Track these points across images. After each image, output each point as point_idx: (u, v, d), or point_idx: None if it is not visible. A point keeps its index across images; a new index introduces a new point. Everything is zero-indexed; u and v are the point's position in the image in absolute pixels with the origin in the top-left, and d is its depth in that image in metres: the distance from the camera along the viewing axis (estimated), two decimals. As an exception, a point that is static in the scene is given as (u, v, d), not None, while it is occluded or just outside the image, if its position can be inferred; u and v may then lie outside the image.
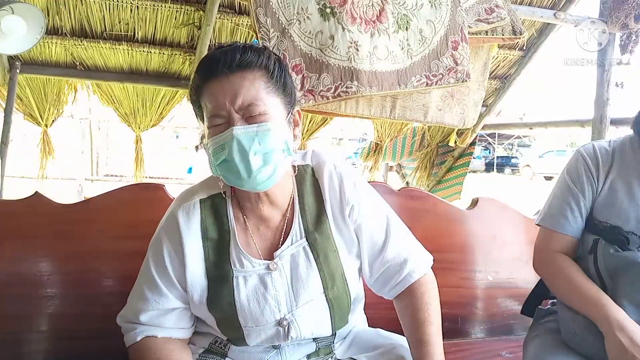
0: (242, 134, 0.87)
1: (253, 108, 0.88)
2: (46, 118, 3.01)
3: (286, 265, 0.97)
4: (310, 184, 1.02)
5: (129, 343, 0.98)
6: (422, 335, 0.97)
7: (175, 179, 7.85)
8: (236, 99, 0.88)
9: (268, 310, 0.95)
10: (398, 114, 2.19)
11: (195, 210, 0.98)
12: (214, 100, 0.89)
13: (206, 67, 0.91)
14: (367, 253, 1.04)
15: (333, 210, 1.01)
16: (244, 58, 0.89)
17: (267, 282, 0.96)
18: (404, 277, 1.03)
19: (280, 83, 0.94)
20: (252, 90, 0.89)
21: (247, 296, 0.95)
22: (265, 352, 1.01)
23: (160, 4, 2.50)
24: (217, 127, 0.89)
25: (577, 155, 1.18)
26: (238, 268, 0.96)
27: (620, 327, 0.98)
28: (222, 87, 0.89)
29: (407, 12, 1.89)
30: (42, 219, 1.31)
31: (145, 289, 0.97)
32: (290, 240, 0.99)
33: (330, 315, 0.99)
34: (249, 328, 0.96)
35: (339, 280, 0.99)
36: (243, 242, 0.98)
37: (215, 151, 0.89)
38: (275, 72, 0.93)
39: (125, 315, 1.00)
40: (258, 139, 0.88)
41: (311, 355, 1.04)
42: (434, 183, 4.05)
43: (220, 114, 0.89)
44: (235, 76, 0.89)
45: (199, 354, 1.03)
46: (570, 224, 1.14)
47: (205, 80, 0.91)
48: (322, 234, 1.00)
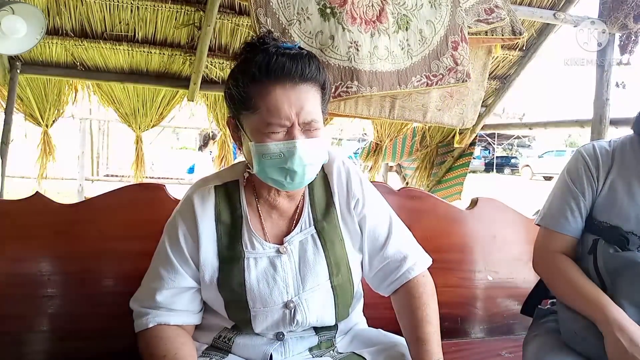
0: (304, 148, 0.92)
1: (313, 124, 0.94)
2: (46, 118, 3.02)
3: (295, 250, 1.02)
4: (320, 178, 1.07)
5: (139, 328, 0.99)
6: (420, 334, 0.98)
7: (175, 179, 7.85)
8: (301, 113, 0.92)
9: (276, 292, 0.98)
10: (397, 114, 2.19)
11: (210, 195, 1.03)
12: (279, 107, 0.91)
13: (274, 70, 0.92)
14: (369, 247, 1.08)
15: (340, 202, 1.07)
16: (311, 70, 0.94)
17: (276, 265, 1.00)
18: (402, 273, 1.07)
19: (327, 97, 1.02)
20: (315, 106, 0.95)
21: (257, 277, 0.99)
22: (269, 345, 1.02)
23: (160, 5, 2.50)
24: (275, 134, 0.92)
25: (577, 155, 1.18)
26: (249, 249, 1.00)
27: (620, 327, 0.98)
28: (288, 96, 0.91)
29: (407, 13, 1.89)
30: (42, 219, 1.30)
31: (161, 269, 1.00)
32: (299, 227, 1.04)
33: (334, 303, 1.03)
34: (256, 309, 0.98)
35: (344, 268, 1.04)
36: (255, 226, 1.03)
37: (270, 156, 0.93)
38: (327, 89, 1.00)
39: (139, 298, 1.02)
40: (315, 152, 0.95)
41: (313, 348, 1.06)
42: (434, 183, 4.05)
43: (283, 124, 0.92)
44: (302, 88, 0.93)
45: (203, 350, 1.04)
46: (570, 224, 1.14)
47: (269, 80, 0.92)
48: (329, 223, 1.05)
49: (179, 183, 7.16)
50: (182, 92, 3.05)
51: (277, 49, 0.94)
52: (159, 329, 0.97)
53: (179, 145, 20.56)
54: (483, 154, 22.02)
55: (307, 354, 1.05)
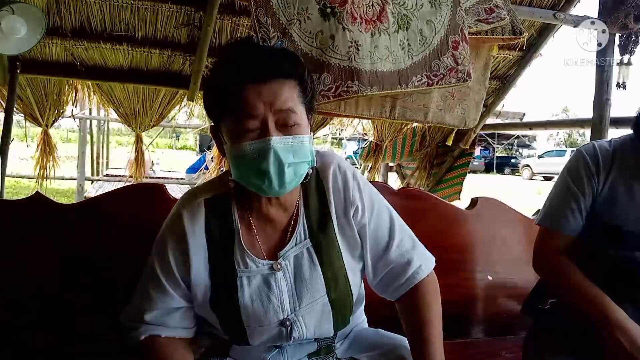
0: (280, 145, 0.86)
1: (290, 115, 0.88)
2: (46, 118, 3.01)
3: (290, 265, 0.97)
4: (315, 185, 1.02)
5: (130, 341, 0.98)
6: (423, 335, 0.97)
7: (175, 179, 7.85)
8: (275, 102, 0.87)
9: (272, 311, 0.95)
10: (398, 114, 2.19)
11: (199, 210, 0.97)
12: (249, 101, 0.86)
13: (241, 70, 0.88)
14: (371, 254, 1.03)
15: (337, 211, 1.01)
16: (283, 66, 0.90)
17: (270, 283, 0.96)
18: (407, 278, 1.03)
19: (309, 95, 0.95)
20: (290, 97, 0.89)
21: (250, 296, 0.95)
22: (267, 352, 1.01)
23: (160, 5, 2.49)
24: (249, 132, 0.87)
25: (578, 155, 1.18)
26: (242, 268, 0.96)
27: (620, 327, 0.98)
28: (259, 91, 0.87)
29: (407, 12, 1.89)
30: (42, 219, 1.30)
31: (150, 289, 0.97)
32: (294, 240, 0.98)
33: (332, 316, 0.99)
34: (252, 328, 0.96)
35: (342, 281, 0.99)
36: (247, 242, 0.98)
37: (245, 157, 0.88)
38: (307, 84, 0.94)
39: (129, 314, 1.00)
40: (293, 150, 0.88)
41: (312, 354, 1.04)
42: (433, 183, 4.04)
43: (255, 114, 0.86)
44: (274, 83, 0.88)
45: (200, 353, 1.03)
46: (570, 224, 1.14)
47: (237, 83, 0.88)
48: (326, 235, 0.99)
49: (178, 183, 7.16)
50: (182, 92, 3.04)
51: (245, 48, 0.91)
52: (150, 340, 0.96)
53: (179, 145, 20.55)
54: (483, 154, 22.00)
55: None
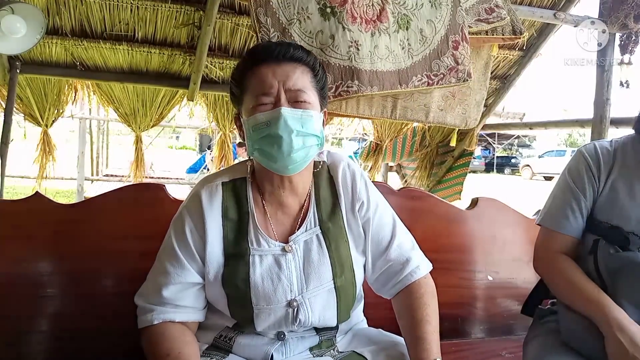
0: (289, 114, 0.94)
1: (300, 94, 0.97)
2: (46, 118, 3.01)
3: (300, 249, 1.03)
4: (326, 180, 1.10)
5: (143, 325, 0.98)
6: (419, 333, 0.99)
7: (175, 179, 7.84)
8: (287, 81, 0.96)
9: (280, 290, 0.99)
10: (399, 114, 2.18)
11: (217, 191, 1.03)
12: (264, 80, 0.96)
13: (260, 52, 1.00)
14: (372, 250, 1.09)
15: (345, 204, 1.08)
16: (296, 52, 1.00)
17: (281, 263, 1.01)
18: (404, 276, 1.08)
19: (321, 83, 1.04)
20: (302, 79, 0.99)
21: (261, 274, 0.99)
22: (270, 344, 1.02)
23: (160, 4, 2.49)
24: (263, 105, 0.96)
25: (579, 155, 1.17)
26: (255, 247, 1.01)
27: (620, 327, 0.98)
28: (273, 71, 0.97)
29: (407, 12, 1.89)
30: (42, 219, 1.30)
31: (167, 264, 1.00)
32: (305, 227, 1.05)
33: (336, 304, 1.03)
34: (260, 307, 0.98)
35: (348, 270, 1.04)
36: (261, 223, 1.04)
37: (258, 127, 0.96)
38: (319, 73, 1.04)
39: (145, 293, 1.01)
40: (302, 121, 0.96)
41: (314, 348, 1.06)
42: (434, 183, 4.04)
43: (269, 92, 0.96)
44: (287, 64, 0.98)
45: (203, 350, 1.04)
46: (570, 224, 1.14)
47: (256, 63, 0.99)
48: (335, 224, 1.06)
49: (178, 183, 7.16)
50: (182, 92, 3.04)
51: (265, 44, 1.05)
52: (163, 327, 0.97)
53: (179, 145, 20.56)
54: (483, 154, 22.01)
55: (308, 353, 1.06)
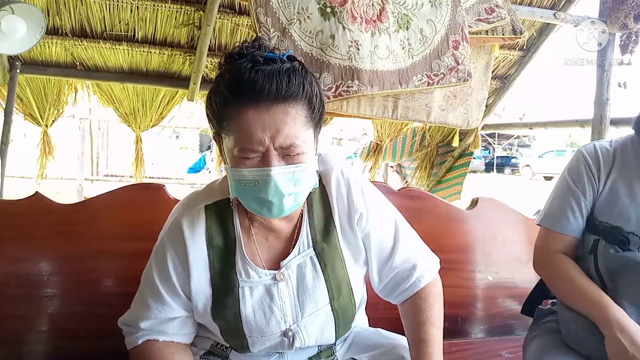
0: (281, 176, 0.83)
1: (293, 148, 0.84)
2: (46, 118, 3.01)
3: (293, 275, 0.96)
4: (318, 192, 0.99)
5: (129, 346, 0.98)
6: (423, 334, 0.97)
7: (175, 179, 7.85)
8: (277, 137, 0.82)
9: (274, 322, 0.94)
10: (400, 114, 2.18)
11: (200, 218, 0.95)
12: (250, 133, 0.82)
13: (245, 91, 0.82)
14: (376, 260, 1.02)
15: (341, 219, 0.99)
16: (290, 89, 0.83)
17: (273, 293, 0.95)
18: (412, 282, 1.03)
19: (319, 114, 0.90)
20: (294, 128, 0.83)
21: (252, 307, 0.94)
22: (268, 356, 1.01)
23: (160, 4, 2.49)
24: (249, 159, 0.84)
25: (578, 155, 1.17)
26: (244, 279, 0.94)
27: (620, 327, 0.97)
28: (261, 120, 0.81)
29: (407, 12, 1.89)
30: (42, 219, 1.30)
31: (148, 298, 0.95)
32: (297, 249, 0.97)
33: (334, 324, 0.99)
34: (253, 338, 0.95)
35: (345, 290, 0.98)
36: (249, 251, 0.96)
37: (244, 183, 0.85)
38: (316, 104, 0.88)
39: (127, 320, 0.99)
40: (294, 180, 0.86)
41: (313, 357, 1.04)
42: (434, 183, 4.04)
43: (256, 149, 0.83)
44: (279, 110, 0.82)
45: (200, 355, 1.03)
46: (570, 224, 1.14)
47: (240, 103, 0.83)
48: (329, 244, 0.98)
49: (178, 183, 7.17)
50: (182, 92, 3.04)
51: (252, 64, 0.83)
52: (148, 344, 0.96)
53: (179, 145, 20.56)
54: (483, 154, 21.98)
55: None
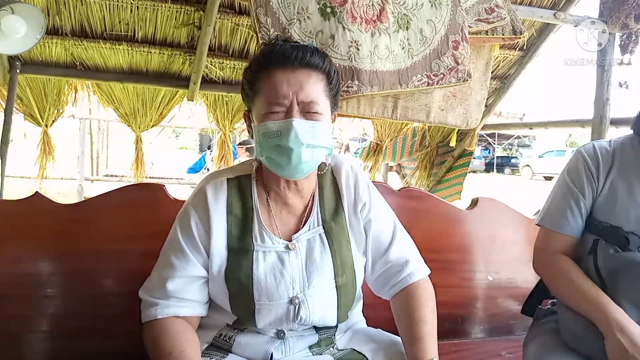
0: (300, 126, 0.95)
1: (313, 105, 0.97)
2: (46, 118, 3.01)
3: (302, 248, 1.04)
4: (330, 181, 1.11)
5: (146, 319, 0.98)
6: (416, 333, 0.99)
7: (175, 179, 7.84)
8: (300, 93, 0.96)
9: (283, 286, 1.00)
10: (400, 114, 2.18)
11: (222, 187, 1.04)
12: (278, 87, 0.96)
13: (275, 56, 0.98)
14: (372, 251, 1.11)
15: (348, 205, 1.10)
16: (313, 58, 0.98)
17: (284, 260, 1.02)
18: (403, 277, 1.09)
19: (335, 90, 1.05)
20: (315, 89, 0.98)
21: (264, 270, 1.00)
22: (270, 343, 1.03)
23: (160, 4, 2.49)
24: (275, 114, 0.96)
25: (578, 155, 1.17)
26: (259, 243, 1.02)
27: (620, 327, 0.98)
28: (287, 78, 0.96)
29: (407, 12, 1.89)
30: (42, 219, 1.30)
31: (173, 257, 1.01)
32: (308, 226, 1.06)
33: (337, 303, 1.04)
34: (261, 303, 0.99)
35: (349, 270, 1.06)
36: (265, 220, 1.05)
37: (269, 135, 0.97)
38: (333, 79, 1.03)
39: (150, 288, 1.02)
40: (312, 133, 0.97)
41: (313, 346, 1.07)
42: (434, 183, 4.05)
43: (282, 103, 0.96)
44: (302, 72, 0.97)
45: (203, 349, 1.04)
46: (570, 224, 1.14)
47: (270, 66, 0.98)
48: (337, 224, 1.08)
49: (178, 183, 7.17)
50: (182, 92, 3.04)
51: (283, 42, 1.01)
52: (166, 322, 0.97)
53: (179, 145, 20.57)
54: (483, 154, 22.01)
55: (308, 351, 1.06)
